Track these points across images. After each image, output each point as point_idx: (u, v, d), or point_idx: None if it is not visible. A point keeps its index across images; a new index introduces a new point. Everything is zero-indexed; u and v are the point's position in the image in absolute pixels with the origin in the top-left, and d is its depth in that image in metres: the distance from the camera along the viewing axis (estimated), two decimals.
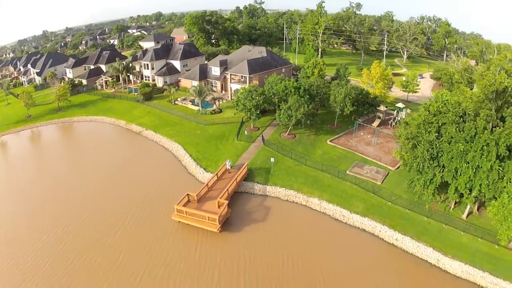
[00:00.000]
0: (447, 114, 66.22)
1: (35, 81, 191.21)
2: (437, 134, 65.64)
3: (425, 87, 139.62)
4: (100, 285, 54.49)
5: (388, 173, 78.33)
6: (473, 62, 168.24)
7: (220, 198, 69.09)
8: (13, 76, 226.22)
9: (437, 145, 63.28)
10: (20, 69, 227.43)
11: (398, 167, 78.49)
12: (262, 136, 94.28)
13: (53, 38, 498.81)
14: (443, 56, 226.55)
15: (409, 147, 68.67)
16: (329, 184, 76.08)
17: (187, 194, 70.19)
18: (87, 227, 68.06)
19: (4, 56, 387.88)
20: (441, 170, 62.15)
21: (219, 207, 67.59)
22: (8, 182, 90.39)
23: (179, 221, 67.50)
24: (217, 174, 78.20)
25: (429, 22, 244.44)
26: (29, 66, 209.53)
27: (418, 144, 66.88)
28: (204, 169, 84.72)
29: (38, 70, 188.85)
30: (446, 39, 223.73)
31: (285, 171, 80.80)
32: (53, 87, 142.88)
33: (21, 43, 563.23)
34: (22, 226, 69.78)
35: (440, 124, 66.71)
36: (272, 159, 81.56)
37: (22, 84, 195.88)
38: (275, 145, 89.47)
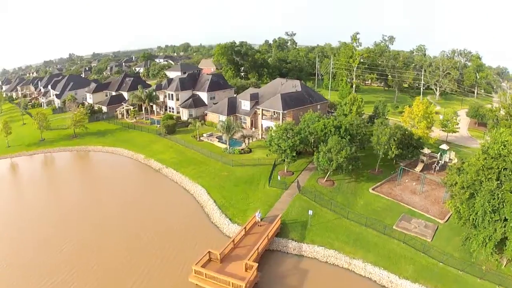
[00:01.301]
0: (508, 157, 56.47)
1: (54, 104, 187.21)
2: (498, 181, 55.65)
3: (461, 125, 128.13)
4: None
5: (437, 227, 68.57)
6: None
7: (248, 259, 57.44)
8: (33, 96, 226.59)
9: (500, 194, 53.57)
10: (40, 90, 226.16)
11: (448, 219, 69.94)
12: (298, 182, 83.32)
13: (78, 62, 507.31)
14: (473, 92, 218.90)
15: (465, 198, 58.84)
16: (374, 242, 65.25)
17: (209, 252, 59.00)
18: (93, 278, 58.22)
19: (28, 75, 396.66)
20: (503, 225, 52.55)
21: (246, 270, 56.02)
22: (13, 211, 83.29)
23: (197, 284, 55.81)
24: (245, 228, 66.74)
25: (460, 56, 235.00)
26: (49, 87, 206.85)
27: (476, 194, 57.23)
28: (230, 219, 73.59)
29: (57, 92, 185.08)
30: (477, 74, 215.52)
31: (324, 226, 69.58)
32: (71, 112, 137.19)
33: (47, 64, 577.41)
34: (21, 264, 61.78)
35: (500, 169, 56.72)
36: (311, 212, 70.15)
37: (41, 106, 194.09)
38: (311, 194, 78.45)
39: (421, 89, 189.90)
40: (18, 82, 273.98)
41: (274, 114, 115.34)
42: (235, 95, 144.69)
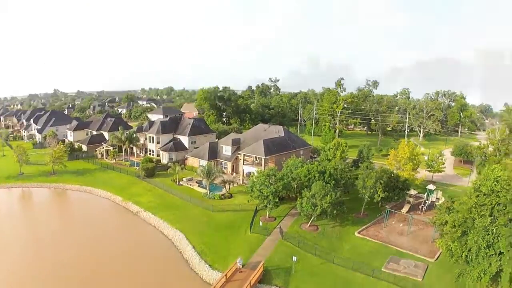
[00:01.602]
0: (501, 192, 56.75)
1: (34, 138, 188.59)
2: (491, 217, 55.70)
3: (446, 164, 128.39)
4: None
5: (427, 266, 67.96)
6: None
7: None
8: (15, 128, 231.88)
9: (494, 230, 53.66)
10: (23, 123, 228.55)
11: (438, 257, 70.19)
12: (280, 227, 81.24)
13: (63, 98, 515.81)
14: (457, 131, 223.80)
15: (457, 236, 58.55)
16: (363, 285, 63.34)
17: None
18: None
19: (12, 106, 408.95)
20: (499, 259, 52.16)
21: None
22: None
23: None
24: (226, 275, 63.69)
25: (444, 97, 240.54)
26: (31, 121, 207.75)
27: (469, 231, 57.16)
28: (210, 265, 70.32)
29: (39, 127, 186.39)
30: (461, 113, 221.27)
31: (309, 271, 67.25)
32: (51, 148, 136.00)
33: (32, 97, 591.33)
34: None
35: (493, 205, 56.73)
36: (295, 258, 67.72)
37: (22, 139, 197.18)
38: (295, 239, 76.36)
39: (406, 131, 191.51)
40: (2, 112, 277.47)
41: (256, 160, 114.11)
42: (216, 140, 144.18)
